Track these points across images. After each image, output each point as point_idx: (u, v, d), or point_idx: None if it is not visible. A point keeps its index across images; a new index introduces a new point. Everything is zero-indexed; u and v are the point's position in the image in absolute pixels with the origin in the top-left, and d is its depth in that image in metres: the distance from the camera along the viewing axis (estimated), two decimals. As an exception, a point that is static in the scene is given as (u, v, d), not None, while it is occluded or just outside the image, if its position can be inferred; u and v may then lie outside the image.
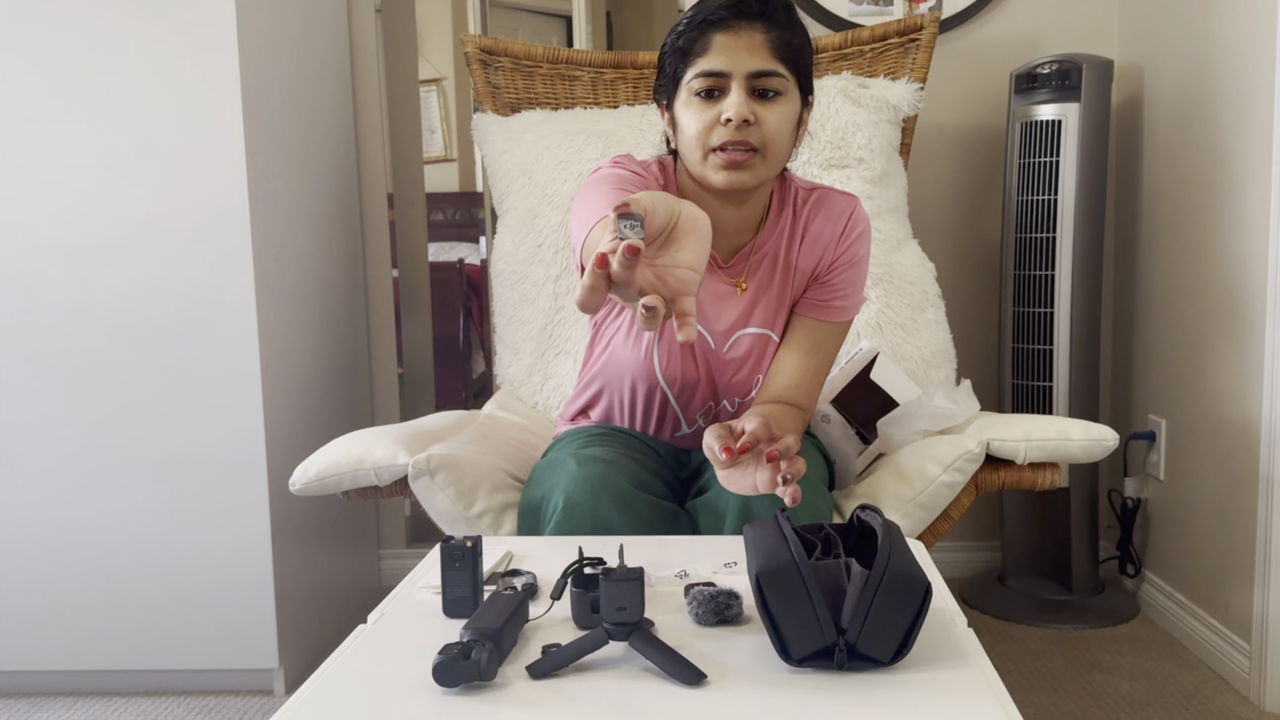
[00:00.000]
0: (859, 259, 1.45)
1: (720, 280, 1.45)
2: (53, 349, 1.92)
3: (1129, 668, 2.03)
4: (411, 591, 1.14)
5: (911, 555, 0.93)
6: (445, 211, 6.61)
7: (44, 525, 1.96)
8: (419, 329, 2.78)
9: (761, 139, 1.32)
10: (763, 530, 1.00)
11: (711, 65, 1.31)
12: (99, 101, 1.86)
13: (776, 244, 1.45)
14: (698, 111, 1.33)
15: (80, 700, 2.00)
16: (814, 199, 1.46)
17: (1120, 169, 2.41)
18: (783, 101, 1.33)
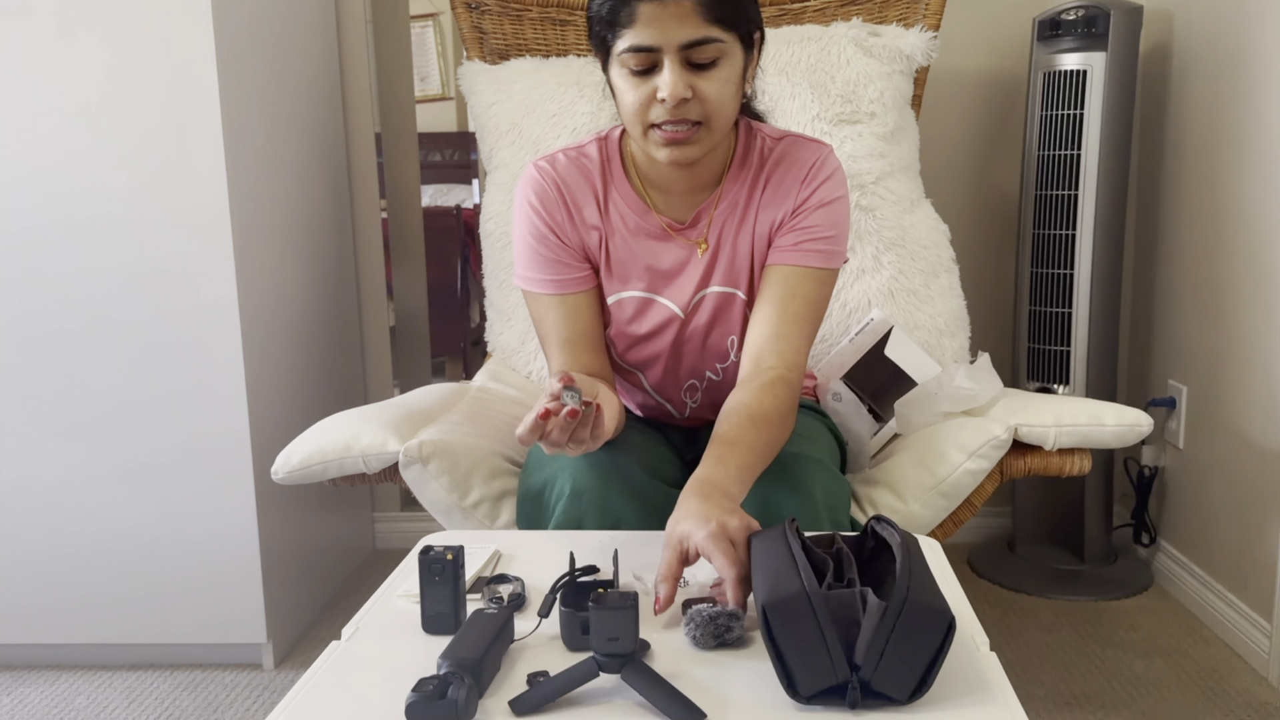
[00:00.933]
0: (831, 200, 1.31)
1: (678, 244, 1.35)
2: (23, 316, 1.83)
3: (1142, 644, 1.97)
4: (390, 600, 1.07)
5: (933, 581, 0.85)
6: (443, 152, 6.47)
7: (23, 497, 1.89)
8: (412, 278, 2.68)
9: (703, 112, 1.22)
10: (770, 547, 0.92)
11: (640, 40, 1.19)
12: (64, 48, 1.75)
13: (737, 196, 1.34)
14: (632, 86, 1.22)
15: (65, 674, 1.95)
16: (780, 147, 1.34)
17: (1145, 122, 2.28)
18: (723, 66, 1.22)
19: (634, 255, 1.35)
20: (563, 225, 1.34)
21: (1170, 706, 1.74)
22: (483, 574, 1.11)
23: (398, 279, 2.64)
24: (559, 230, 1.34)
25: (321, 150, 2.23)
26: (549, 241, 1.34)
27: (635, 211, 1.35)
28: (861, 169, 1.82)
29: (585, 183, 1.35)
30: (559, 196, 1.34)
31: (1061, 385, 2.17)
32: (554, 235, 1.34)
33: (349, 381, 2.39)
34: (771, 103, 1.86)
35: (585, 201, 1.35)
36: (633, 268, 1.36)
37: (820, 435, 1.43)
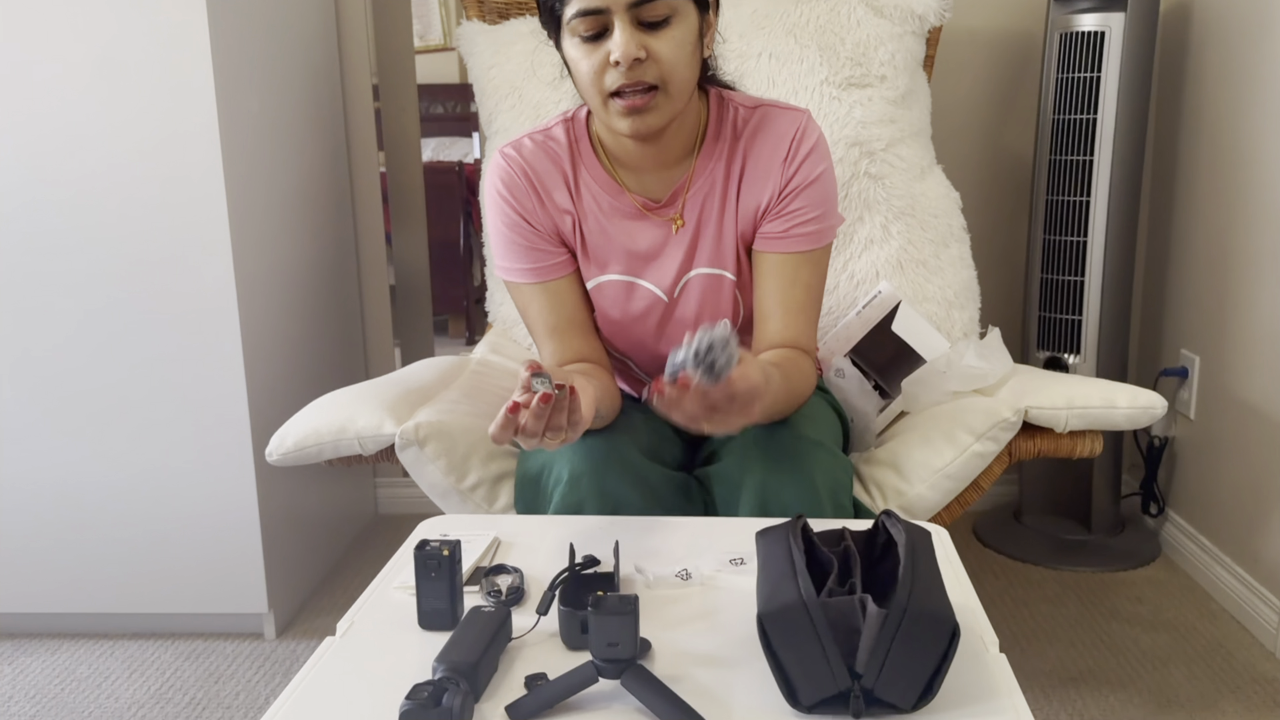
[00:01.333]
0: (816, 178, 1.27)
1: (654, 223, 1.31)
2: (20, 288, 1.80)
3: (1149, 617, 1.95)
4: (385, 592, 1.05)
5: (939, 585, 0.82)
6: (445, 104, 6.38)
7: (24, 469, 1.87)
8: (413, 236, 2.63)
9: (659, 74, 1.17)
10: (773, 549, 0.89)
11: (588, 3, 1.15)
12: (53, 11, 1.70)
13: (714, 173, 1.30)
14: (585, 54, 1.18)
15: (66, 643, 1.95)
16: (755, 120, 1.29)
17: (1164, 85, 2.22)
18: (676, 25, 1.18)
19: (610, 238, 1.32)
20: (534, 211, 1.31)
21: (1176, 683, 1.73)
22: (481, 564, 1.09)
23: (398, 237, 2.60)
24: (530, 217, 1.31)
25: (318, 103, 2.17)
26: (523, 229, 1.31)
27: (608, 192, 1.31)
28: (871, 135, 1.77)
29: (554, 166, 1.31)
30: (527, 183, 1.31)
31: (1072, 354, 2.14)
32: (526, 222, 1.31)
33: (349, 344, 2.37)
34: (778, 65, 1.80)
35: (555, 185, 1.31)
36: (610, 251, 1.32)
37: (822, 414, 1.41)
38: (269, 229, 1.92)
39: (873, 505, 1.35)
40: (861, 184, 1.76)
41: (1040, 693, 1.71)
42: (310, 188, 2.12)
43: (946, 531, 1.15)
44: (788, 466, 1.22)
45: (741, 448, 1.26)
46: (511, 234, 1.31)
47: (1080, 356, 2.13)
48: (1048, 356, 2.17)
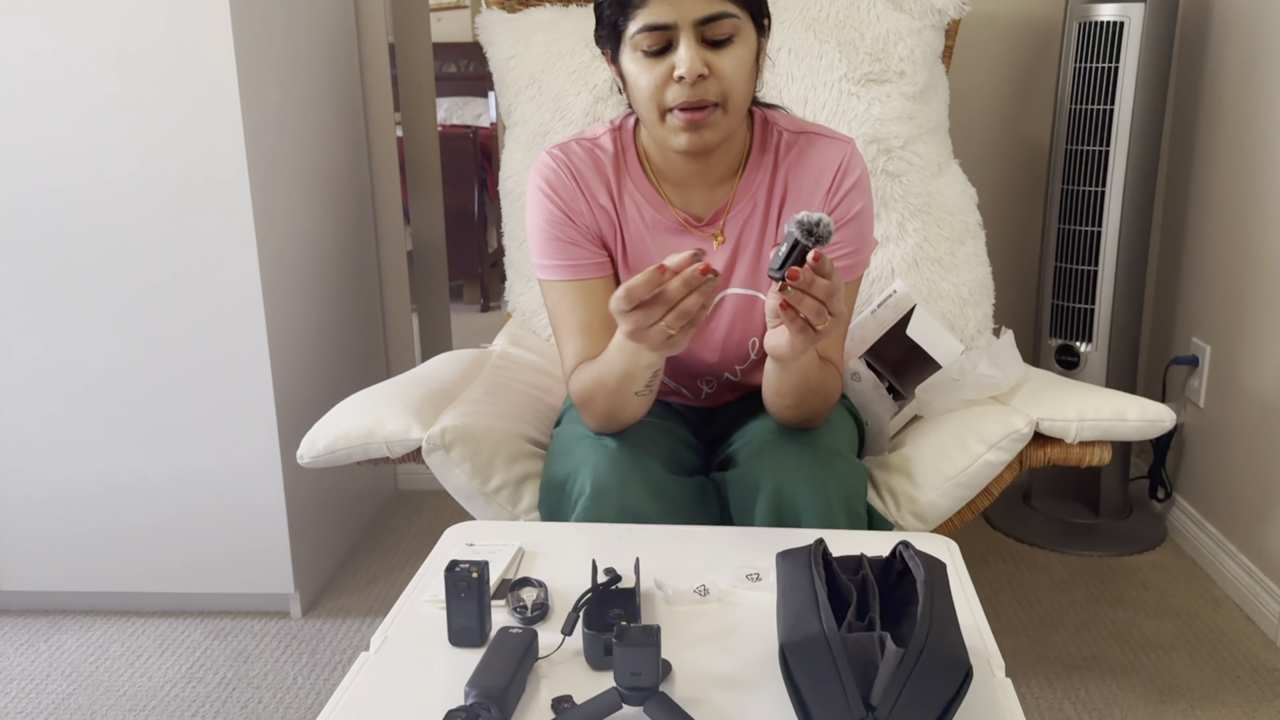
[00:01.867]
0: (855, 214, 1.30)
1: (695, 239, 1.34)
2: (48, 269, 1.83)
3: (1154, 604, 1.99)
4: (415, 605, 1.09)
5: (954, 624, 0.86)
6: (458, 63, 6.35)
7: (56, 453, 1.92)
8: (429, 203, 2.63)
9: (720, 91, 1.20)
10: (795, 577, 0.93)
11: (654, 18, 1.17)
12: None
13: (756, 196, 1.33)
14: (646, 69, 1.20)
15: (99, 619, 2.01)
16: (798, 146, 1.32)
17: (1183, 76, 2.21)
18: (738, 44, 1.20)
19: (649, 249, 1.34)
20: (577, 210, 1.33)
21: (1178, 671, 1.78)
22: (507, 576, 1.13)
23: (414, 204, 2.60)
24: (573, 214, 1.33)
25: (335, 68, 2.17)
26: (564, 226, 1.33)
27: (651, 205, 1.33)
28: (889, 132, 1.78)
29: (599, 172, 1.33)
30: (573, 182, 1.33)
31: (1084, 342, 2.16)
32: (569, 219, 1.33)
33: (368, 313, 2.39)
34: (797, 60, 1.81)
35: (599, 190, 1.33)
36: (648, 261, 1.34)
37: (838, 418, 1.44)
38: (290, 199, 1.94)
39: (886, 511, 1.38)
40: (879, 181, 1.78)
41: (1044, 680, 1.76)
42: (329, 155, 2.13)
43: (957, 545, 1.19)
44: (803, 475, 1.25)
45: (757, 453, 1.29)
46: (552, 230, 1.33)
47: (1092, 344, 2.15)
48: (1060, 344, 2.19)
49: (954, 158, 1.88)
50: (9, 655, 1.89)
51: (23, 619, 2.02)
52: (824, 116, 1.79)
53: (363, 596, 2.08)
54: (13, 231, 1.81)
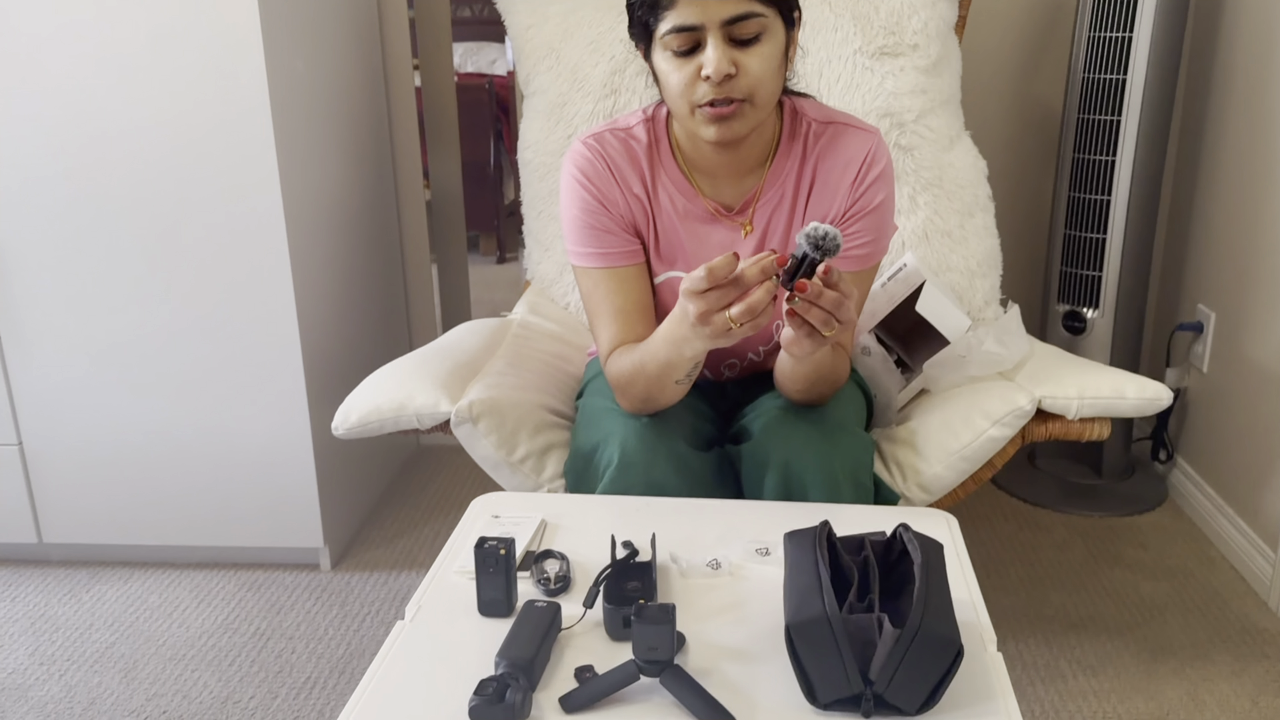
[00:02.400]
0: (876, 205, 1.35)
1: (725, 227, 1.39)
2: (80, 231, 1.89)
3: (1151, 564, 2.06)
4: (446, 576, 1.16)
5: (948, 604, 0.92)
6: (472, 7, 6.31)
7: (94, 415, 2.00)
8: (447, 157, 2.67)
9: (747, 88, 1.24)
10: (800, 558, 0.99)
11: (683, 19, 1.21)
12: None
13: (784, 185, 1.37)
14: (676, 67, 1.25)
15: (136, 571, 2.11)
16: (826, 136, 1.36)
17: (1196, 46, 2.22)
18: (765, 42, 1.24)
19: (680, 237, 1.39)
20: (611, 198, 1.37)
21: (1171, 631, 1.85)
22: (530, 548, 1.20)
23: (432, 156, 2.63)
24: (607, 202, 1.37)
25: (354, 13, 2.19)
26: (599, 214, 1.37)
27: (683, 194, 1.38)
28: (902, 106, 1.81)
29: (633, 162, 1.37)
30: (608, 172, 1.37)
31: (1091, 309, 2.20)
32: (603, 207, 1.37)
33: (389, 266, 2.44)
34: (812, 33, 1.84)
35: (633, 179, 1.38)
36: (678, 249, 1.40)
37: (847, 392, 1.49)
38: (314, 154, 1.98)
39: (893, 483, 1.44)
40: (892, 155, 1.81)
41: (1042, 639, 1.83)
42: (351, 108, 2.17)
43: (957, 520, 1.25)
44: (810, 450, 1.31)
45: (766, 429, 1.36)
46: (586, 218, 1.37)
47: (1099, 311, 2.20)
48: (1067, 310, 2.23)
49: (965, 130, 1.91)
50: (53, 605, 1.99)
51: (65, 569, 2.11)
52: (838, 90, 1.82)
53: (388, 550, 2.17)
54: (49, 196, 1.87)
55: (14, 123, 1.83)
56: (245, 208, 1.85)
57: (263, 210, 1.84)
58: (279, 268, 1.88)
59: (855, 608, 0.93)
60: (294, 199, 1.88)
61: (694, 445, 1.36)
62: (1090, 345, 2.21)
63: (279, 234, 1.85)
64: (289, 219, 1.86)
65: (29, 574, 2.10)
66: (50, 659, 1.83)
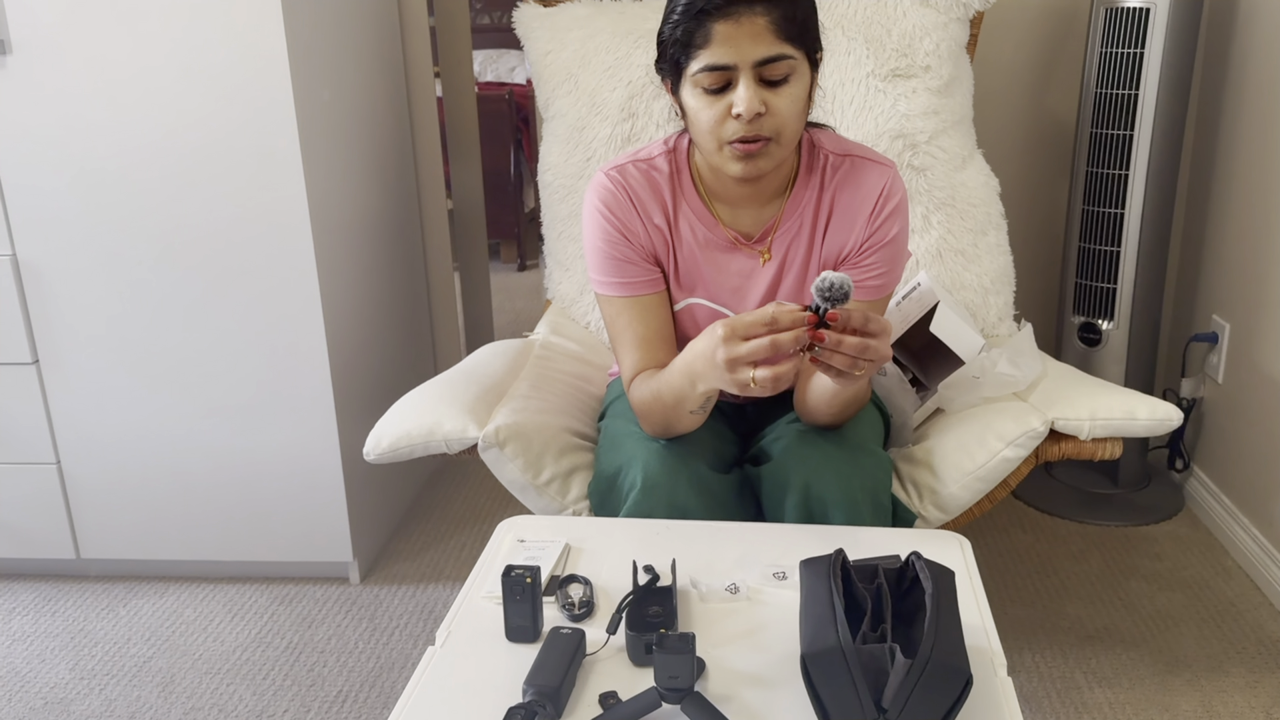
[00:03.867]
0: (892, 238, 1.38)
1: (744, 255, 1.43)
2: (114, 254, 1.94)
3: (1167, 574, 2.09)
4: (474, 601, 1.20)
5: (958, 633, 0.96)
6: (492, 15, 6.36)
7: (129, 433, 2.05)
8: (468, 168, 2.71)
9: (775, 127, 1.27)
10: (815, 587, 1.03)
11: (715, 59, 1.24)
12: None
13: (803, 215, 1.41)
14: (707, 104, 1.28)
15: (172, 585, 2.16)
16: (844, 169, 1.40)
17: (1208, 60, 2.24)
18: (793, 83, 1.27)
19: (700, 266, 1.43)
20: (634, 230, 1.41)
21: (1186, 642, 1.88)
22: (555, 572, 1.24)
23: (454, 166, 2.67)
24: (629, 234, 1.41)
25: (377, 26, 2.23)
26: (621, 245, 1.41)
27: (704, 224, 1.41)
28: (915, 128, 1.84)
29: (655, 193, 1.41)
30: (629, 203, 1.40)
31: (1106, 320, 2.23)
32: (625, 239, 1.41)
33: (413, 277, 2.48)
34: (825, 57, 1.86)
35: (654, 210, 1.41)
36: (699, 278, 1.43)
37: (866, 412, 1.53)
38: (340, 168, 2.02)
39: (909, 503, 1.48)
40: (905, 176, 1.84)
41: (1058, 651, 1.86)
42: (375, 121, 2.21)
43: (970, 543, 1.28)
44: (830, 471, 1.35)
45: (786, 450, 1.39)
46: (609, 249, 1.41)
47: (1114, 323, 2.22)
48: (1083, 322, 2.26)
49: (978, 148, 1.94)
50: (91, 619, 2.05)
51: (101, 584, 2.17)
52: (851, 113, 1.85)
53: (416, 563, 2.22)
54: (82, 220, 1.92)
55: (45, 148, 1.88)
56: (273, 229, 1.90)
57: (290, 230, 1.89)
58: (307, 286, 1.93)
59: (868, 637, 0.97)
60: (321, 219, 1.93)
61: (715, 467, 1.40)
62: (1105, 357, 2.24)
63: (307, 253, 1.90)
64: (316, 238, 1.91)
65: (67, 589, 2.16)
66: (90, 673, 1.88)
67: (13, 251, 1.95)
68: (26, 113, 1.86)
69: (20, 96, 1.85)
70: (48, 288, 1.96)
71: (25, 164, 1.89)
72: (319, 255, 1.92)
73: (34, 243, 1.94)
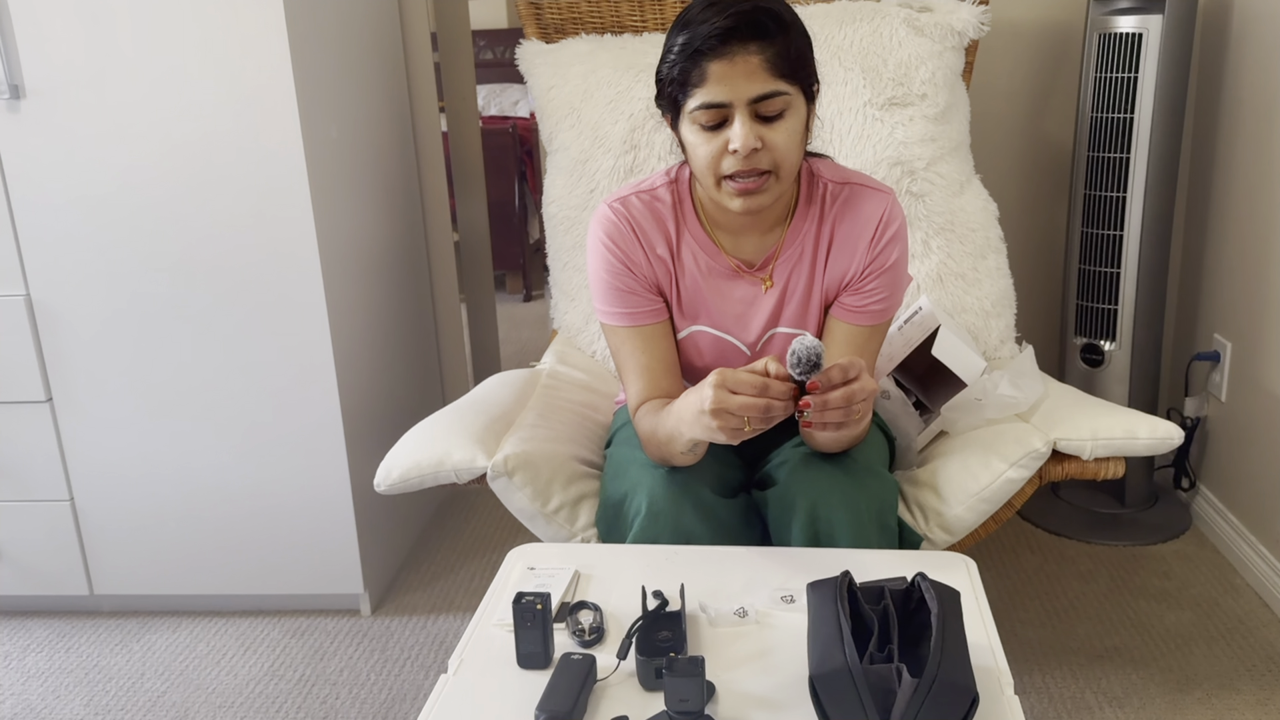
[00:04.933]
0: (892, 264, 1.42)
1: (747, 283, 1.45)
2: (126, 292, 1.96)
3: (1175, 593, 2.09)
4: (486, 629, 1.22)
5: (964, 652, 0.97)
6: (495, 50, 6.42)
7: (141, 468, 2.07)
8: (474, 201, 2.73)
9: (772, 161, 1.30)
10: (823, 609, 1.04)
11: (712, 97, 1.27)
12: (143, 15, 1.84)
13: (804, 243, 1.44)
14: (704, 140, 1.31)
15: (184, 620, 2.18)
16: (843, 197, 1.42)
17: (1203, 80, 2.27)
18: (789, 117, 1.30)
19: (703, 294, 1.45)
20: (637, 261, 1.43)
21: (1197, 661, 1.88)
22: (565, 599, 1.26)
23: (459, 199, 2.69)
24: (633, 265, 1.43)
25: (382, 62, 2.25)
26: (624, 277, 1.43)
27: (706, 252, 1.44)
28: (912, 155, 1.87)
29: (658, 224, 1.44)
30: (632, 235, 1.43)
31: (1108, 341, 2.24)
32: (629, 270, 1.43)
33: (421, 309, 2.50)
34: (823, 88, 1.89)
35: (658, 241, 1.44)
36: (702, 306, 1.46)
37: (871, 435, 1.55)
38: (347, 204, 2.04)
39: (915, 525, 1.49)
40: (904, 202, 1.87)
41: (1069, 671, 1.86)
42: (381, 156, 2.24)
43: (975, 564, 1.29)
44: (836, 494, 1.36)
45: (792, 474, 1.41)
46: (613, 280, 1.44)
47: (1116, 343, 2.24)
48: (1085, 343, 2.27)
49: (975, 174, 1.97)
50: (105, 655, 2.06)
51: (115, 620, 2.19)
52: (849, 141, 1.88)
53: (426, 594, 2.23)
54: (93, 261, 1.95)
55: (58, 190, 1.91)
56: (283, 264, 1.92)
57: (300, 265, 1.92)
58: (317, 319, 1.95)
59: (876, 657, 0.98)
60: (330, 253, 1.96)
61: (720, 493, 1.42)
62: (1109, 377, 2.25)
63: (316, 287, 1.93)
64: (325, 272, 1.93)
65: (81, 625, 2.17)
66: (105, 709, 1.89)
67: (26, 291, 1.98)
68: (40, 156, 1.90)
69: (34, 140, 1.89)
70: (60, 327, 1.99)
71: (39, 205, 1.93)
72: (328, 289, 1.94)
73: (47, 283, 1.97)
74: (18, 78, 1.85)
